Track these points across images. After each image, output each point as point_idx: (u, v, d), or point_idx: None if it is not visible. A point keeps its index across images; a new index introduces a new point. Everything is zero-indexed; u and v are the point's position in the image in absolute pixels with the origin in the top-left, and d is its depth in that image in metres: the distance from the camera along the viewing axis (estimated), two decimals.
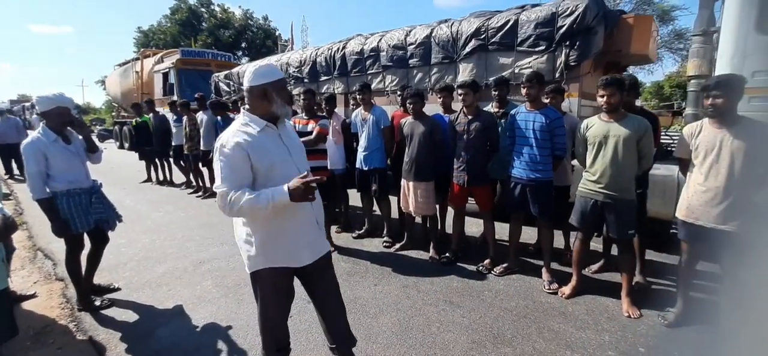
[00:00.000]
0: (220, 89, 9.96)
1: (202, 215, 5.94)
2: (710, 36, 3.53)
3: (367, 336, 2.65)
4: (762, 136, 2.37)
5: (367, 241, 4.57)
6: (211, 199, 6.95)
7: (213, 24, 33.53)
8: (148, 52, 16.46)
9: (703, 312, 2.78)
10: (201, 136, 6.86)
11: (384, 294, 3.27)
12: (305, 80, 7.34)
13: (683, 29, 18.67)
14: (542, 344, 2.57)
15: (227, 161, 1.70)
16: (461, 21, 5.30)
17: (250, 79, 1.76)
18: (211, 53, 15.04)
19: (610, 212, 2.87)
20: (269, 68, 1.81)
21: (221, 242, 4.60)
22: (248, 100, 1.81)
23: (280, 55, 8.99)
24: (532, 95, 3.29)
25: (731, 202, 2.42)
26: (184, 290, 3.45)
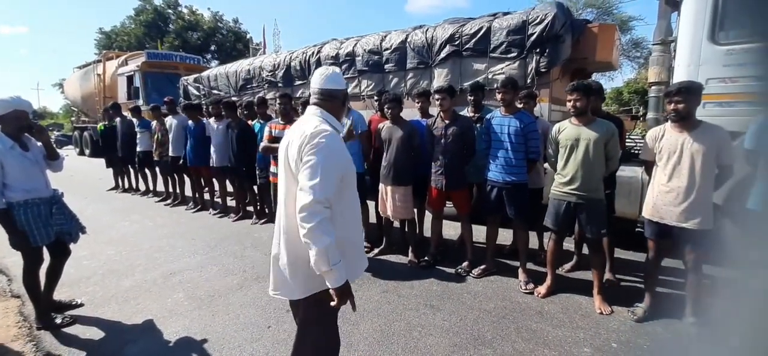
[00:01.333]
0: (190, 93, 9.65)
1: (172, 224, 5.70)
2: (668, 45, 3.75)
3: (348, 345, 2.62)
4: (718, 138, 2.54)
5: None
6: (181, 207, 6.69)
7: (180, 26, 32.45)
8: (110, 54, 15.74)
9: (669, 306, 2.93)
10: (170, 141, 6.59)
11: (364, 300, 3.24)
12: (280, 85, 7.22)
13: (640, 38, 19.90)
14: (521, 344, 2.63)
15: (331, 164, 1.48)
16: (436, 27, 5.38)
17: (335, 82, 1.70)
18: (180, 56, 14.54)
19: (582, 212, 2.98)
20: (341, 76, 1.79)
21: (193, 253, 4.43)
22: (329, 102, 1.68)
23: (252, 59, 8.81)
24: (507, 99, 3.38)
25: (692, 201, 2.57)
26: (153, 304, 3.29)
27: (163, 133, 6.75)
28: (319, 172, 1.45)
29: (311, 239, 1.42)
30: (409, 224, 4.08)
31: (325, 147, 1.49)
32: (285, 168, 1.62)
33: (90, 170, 11.93)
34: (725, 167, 2.59)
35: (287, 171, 1.60)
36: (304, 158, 1.48)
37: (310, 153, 1.47)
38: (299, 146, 1.52)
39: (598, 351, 2.53)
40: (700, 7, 3.38)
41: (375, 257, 4.18)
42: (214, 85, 8.90)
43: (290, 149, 1.57)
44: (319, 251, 1.42)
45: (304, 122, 1.62)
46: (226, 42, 34.41)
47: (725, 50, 3.29)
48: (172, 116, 6.65)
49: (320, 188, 1.44)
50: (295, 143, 1.54)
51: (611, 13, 19.10)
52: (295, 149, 1.53)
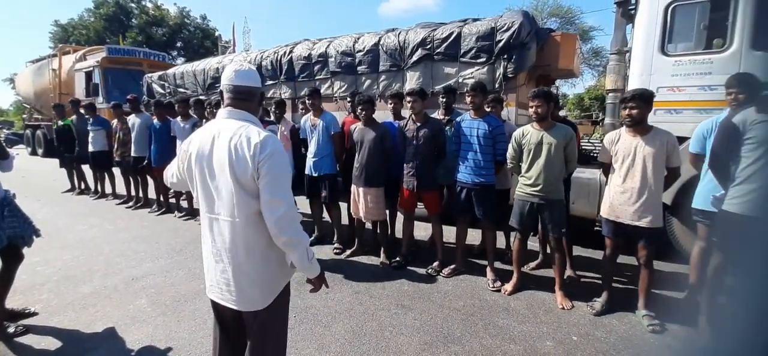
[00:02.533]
0: (154, 91, 9.27)
1: (133, 228, 5.46)
2: (624, 55, 4.00)
3: (319, 347, 2.62)
4: (667, 142, 2.73)
5: (316, 248, 4.50)
6: (144, 209, 6.42)
7: (144, 21, 31.07)
8: (67, 48, 14.88)
9: (624, 300, 3.11)
10: (133, 141, 6.32)
11: (336, 301, 3.24)
12: None
13: (600, 48, 21.03)
14: (488, 340, 2.71)
15: (288, 171, 1.56)
16: (408, 31, 5.46)
17: (253, 79, 1.62)
18: (143, 52, 13.92)
19: (545, 212, 3.13)
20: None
21: (156, 257, 4.27)
22: (247, 102, 1.60)
23: (221, 57, 8.60)
24: (477, 103, 3.48)
25: (645, 200, 2.75)
26: (114, 310, 3.15)
27: (124, 132, 6.46)
28: (282, 181, 1.50)
29: (293, 244, 1.52)
30: (381, 225, 4.11)
31: (281, 154, 1.51)
32: (220, 177, 1.50)
33: (43, 170, 11.21)
34: (673, 170, 2.79)
35: (229, 184, 1.48)
36: (263, 170, 1.45)
37: (269, 163, 1.45)
38: (250, 157, 1.45)
39: (560, 345, 2.66)
40: (652, 21, 3.63)
41: (347, 258, 4.19)
42: (180, 83, 8.60)
43: (232, 162, 1.47)
44: (301, 252, 1.55)
45: (236, 130, 1.50)
46: (193, 39, 33.27)
47: (673, 61, 3.55)
48: (135, 115, 6.37)
49: (289, 195, 1.51)
50: (240, 156, 1.46)
51: (573, 22, 20.05)
52: (242, 161, 1.46)
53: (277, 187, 1.47)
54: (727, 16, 3.37)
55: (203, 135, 1.57)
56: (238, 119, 1.55)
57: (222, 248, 1.55)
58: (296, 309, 3.09)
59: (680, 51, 3.60)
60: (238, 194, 1.48)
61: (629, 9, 3.92)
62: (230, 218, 1.51)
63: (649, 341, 2.68)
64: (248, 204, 1.49)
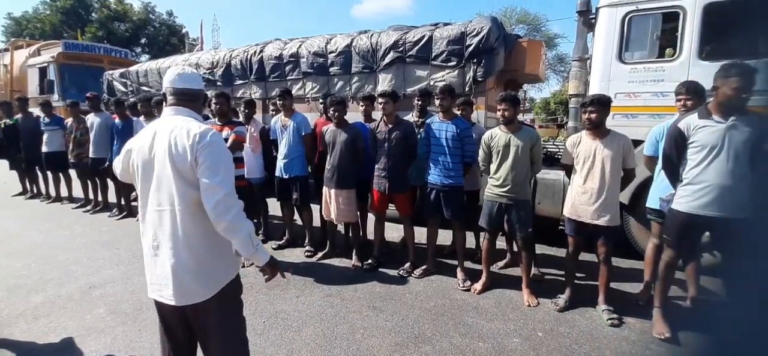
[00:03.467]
0: (115, 89, 8.86)
1: (91, 233, 5.18)
2: (585, 62, 4.20)
3: (290, 352, 2.58)
4: (623, 145, 2.89)
5: (288, 251, 4.44)
6: (102, 214, 6.11)
7: (105, 15, 29.53)
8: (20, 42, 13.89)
9: (585, 295, 3.26)
10: (91, 142, 6.00)
11: (307, 305, 3.21)
12: (218, 83, 6.88)
13: (564, 54, 22.01)
14: (458, 338, 2.77)
15: (228, 160, 1.57)
16: (380, 33, 5.48)
17: (195, 82, 1.69)
18: (103, 48, 13.22)
19: (512, 212, 3.22)
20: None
21: (116, 263, 4.07)
22: (191, 103, 1.67)
23: (188, 55, 8.32)
24: (445, 106, 3.55)
25: (603, 200, 2.89)
26: (70, 321, 2.97)
27: (82, 132, 6.12)
28: (221, 168, 1.51)
29: (233, 229, 1.51)
30: (352, 227, 4.11)
31: (219, 144, 1.55)
32: (160, 168, 1.52)
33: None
34: (629, 171, 2.95)
35: (169, 173, 1.50)
36: (201, 158, 1.48)
37: (207, 150, 1.49)
38: (189, 147, 1.48)
39: (526, 341, 2.75)
40: (610, 30, 3.83)
41: (319, 261, 4.15)
42: (143, 81, 8.25)
43: (172, 152, 1.49)
44: (243, 237, 1.53)
45: (177, 123, 1.54)
46: (158, 36, 31.93)
47: (630, 68, 3.76)
48: (94, 114, 6.05)
49: (227, 182, 1.52)
50: (179, 145, 1.49)
51: (540, 29, 20.85)
52: (181, 150, 1.49)
53: (214, 173, 1.48)
54: (677, 28, 3.61)
55: (146, 131, 1.62)
56: (182, 115, 1.60)
57: (161, 240, 1.55)
58: (265, 315, 3.04)
59: (636, 59, 3.82)
60: (177, 183, 1.50)
61: (590, 18, 4.11)
62: (170, 209, 1.52)
63: (608, 334, 2.82)
64: (187, 193, 1.51)
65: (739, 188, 2.39)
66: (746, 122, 2.37)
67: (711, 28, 3.57)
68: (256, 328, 2.83)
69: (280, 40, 6.57)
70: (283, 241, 4.57)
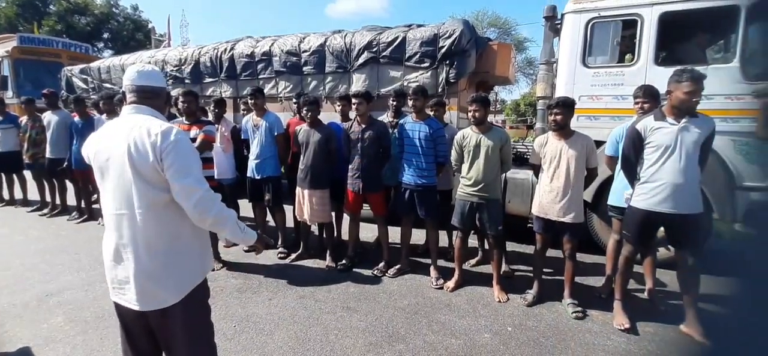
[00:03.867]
0: (74, 85, 8.41)
1: (48, 238, 4.90)
2: (551, 65, 4.35)
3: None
4: (586, 145, 3.02)
5: (261, 254, 4.35)
6: (61, 217, 5.78)
7: (64, 8, 27.91)
8: None
9: (552, 290, 3.38)
10: (48, 141, 5.66)
11: (280, 307, 3.16)
12: (186, 81, 6.66)
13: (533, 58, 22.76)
14: (431, 336, 2.81)
15: (196, 157, 1.54)
16: (354, 33, 5.48)
17: (156, 79, 1.63)
18: (62, 42, 12.52)
19: (483, 211, 3.30)
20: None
21: (76, 270, 3.87)
22: (152, 101, 1.61)
23: (154, 52, 8.01)
24: (418, 106, 3.59)
25: (569, 198, 3.01)
26: (25, 330, 2.80)
27: (38, 131, 5.78)
28: (193, 167, 1.49)
29: (220, 221, 1.55)
30: (326, 227, 4.08)
31: (185, 142, 1.51)
32: (120, 171, 1.45)
33: None
34: (592, 170, 3.09)
35: (129, 176, 1.44)
36: (169, 160, 1.43)
37: (173, 151, 1.44)
38: (150, 146, 1.42)
39: (496, 335, 2.82)
40: (575, 35, 3.99)
41: (292, 262, 4.10)
42: (106, 77, 7.88)
43: (132, 153, 1.42)
44: (231, 226, 1.59)
45: (137, 122, 1.47)
46: (122, 31, 30.53)
47: (593, 72, 3.94)
48: (51, 112, 5.73)
49: (201, 179, 1.51)
50: (140, 146, 1.42)
51: (510, 33, 21.45)
52: (142, 151, 1.42)
53: (186, 173, 1.45)
54: (635, 35, 3.81)
55: (104, 132, 1.55)
56: (143, 113, 1.54)
57: (122, 244, 1.48)
58: (236, 319, 2.98)
59: (598, 64, 4.00)
60: (137, 185, 1.44)
61: (556, 24, 4.27)
62: (129, 212, 1.46)
63: (572, 327, 2.94)
64: (148, 195, 1.45)
65: (691, 185, 2.55)
66: (696, 123, 2.54)
67: (666, 36, 3.80)
68: (226, 333, 2.76)
69: (251, 38, 6.44)
70: None
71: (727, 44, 4.02)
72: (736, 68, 3.44)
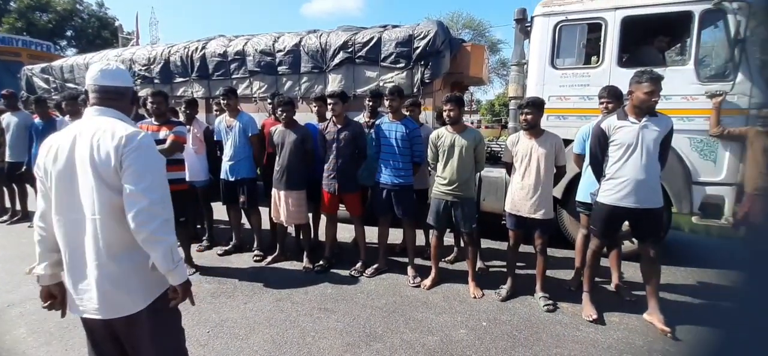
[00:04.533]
0: (35, 86, 8.00)
1: (9, 246, 4.65)
2: (522, 67, 4.48)
3: None
4: (555, 144, 3.13)
5: (235, 257, 4.28)
6: (22, 224, 5.49)
7: (25, 5, 26.38)
8: None
9: (526, 284, 3.48)
10: (7, 144, 5.36)
11: (255, 311, 3.12)
12: (156, 81, 6.46)
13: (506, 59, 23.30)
14: (409, 334, 2.84)
15: (158, 165, 1.48)
16: (330, 33, 5.46)
17: (122, 78, 1.55)
18: (22, 40, 11.92)
19: (458, 209, 3.37)
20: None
21: None
22: (118, 102, 1.54)
23: (121, 50, 7.71)
24: (394, 106, 3.62)
25: (539, 195, 3.12)
26: None
27: None
28: (147, 174, 1.42)
29: (154, 240, 1.40)
30: (303, 229, 4.06)
31: (150, 148, 1.46)
32: (81, 174, 1.40)
33: None
34: (560, 168, 3.21)
35: (91, 180, 1.39)
36: (127, 162, 1.38)
37: (133, 155, 1.39)
38: (113, 150, 1.38)
39: (472, 331, 2.88)
40: (544, 38, 4.12)
41: (268, 265, 4.05)
42: (69, 77, 7.54)
43: (94, 156, 1.38)
44: (164, 250, 1.42)
45: (101, 125, 1.42)
46: (87, 28, 29.15)
47: (561, 74, 4.08)
48: (10, 113, 5.43)
49: (153, 190, 1.42)
50: (103, 149, 1.38)
51: (484, 35, 21.89)
52: (104, 155, 1.38)
53: (140, 180, 1.39)
54: (600, 38, 3.97)
55: (64, 134, 1.46)
56: (106, 115, 1.47)
57: (82, 251, 1.42)
58: (210, 324, 2.92)
59: (566, 65, 4.15)
60: (99, 190, 1.38)
61: (526, 26, 4.40)
62: (91, 217, 1.39)
63: (544, 319, 3.04)
64: (111, 200, 1.40)
65: (652, 181, 2.69)
66: (655, 122, 2.68)
67: (628, 39, 3.98)
68: (199, 339, 2.71)
69: (224, 37, 6.32)
70: (229, 246, 4.40)
71: (683, 48, 4.26)
72: (690, 70, 3.65)
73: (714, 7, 3.49)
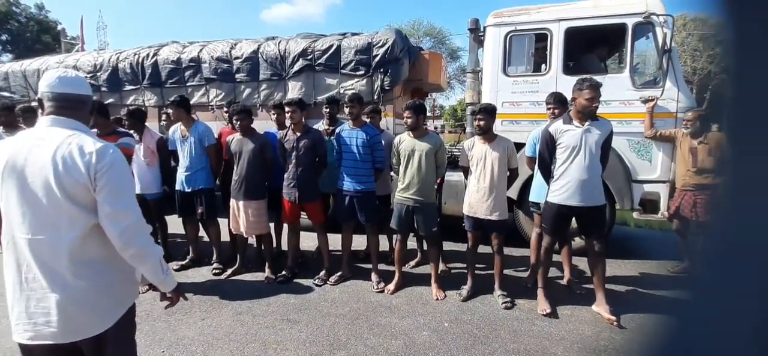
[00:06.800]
0: None
1: None
2: (477, 74, 4.67)
3: None
4: (507, 148, 3.28)
5: (192, 271, 4.11)
6: None
7: None
8: None
9: (485, 283, 3.60)
10: None
11: (213, 327, 3.01)
12: (103, 89, 6.11)
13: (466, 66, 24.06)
14: (372, 339, 2.85)
15: (131, 182, 1.51)
16: (288, 40, 5.41)
17: (81, 86, 1.46)
18: None
19: (419, 214, 3.43)
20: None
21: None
22: (78, 111, 1.44)
23: (64, 56, 7.22)
24: (354, 113, 3.65)
25: (494, 197, 3.25)
26: None
27: None
28: (125, 192, 1.40)
29: (143, 255, 1.43)
30: (264, 239, 3.97)
31: (122, 164, 1.42)
32: (40, 191, 1.30)
33: None
34: (513, 170, 3.36)
35: (55, 196, 1.30)
36: (103, 181, 1.33)
37: (108, 174, 1.34)
38: (84, 166, 1.31)
39: (434, 332, 2.94)
40: (496, 47, 4.33)
41: (228, 278, 3.92)
42: (4, 85, 6.96)
43: (59, 171, 1.29)
44: (153, 263, 1.46)
45: (63, 138, 1.33)
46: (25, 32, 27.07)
47: (512, 81, 4.29)
48: None
49: (134, 206, 1.42)
50: (70, 165, 1.30)
51: (445, 42, 22.49)
52: (73, 171, 1.30)
53: (119, 197, 1.36)
54: (547, 47, 4.23)
55: (17, 145, 1.33)
56: (66, 127, 1.37)
57: (40, 272, 1.32)
58: (164, 343, 2.78)
59: (517, 73, 4.38)
60: (66, 207, 1.31)
61: (479, 36, 4.60)
62: (53, 236, 1.32)
63: (502, 316, 3.16)
64: (78, 218, 1.33)
65: (594, 180, 2.89)
66: (597, 126, 2.88)
67: (572, 48, 4.26)
68: None
69: (178, 43, 6.09)
70: (186, 260, 4.21)
71: (620, 56, 4.62)
72: (627, 77, 3.97)
73: (644, 20, 3.82)
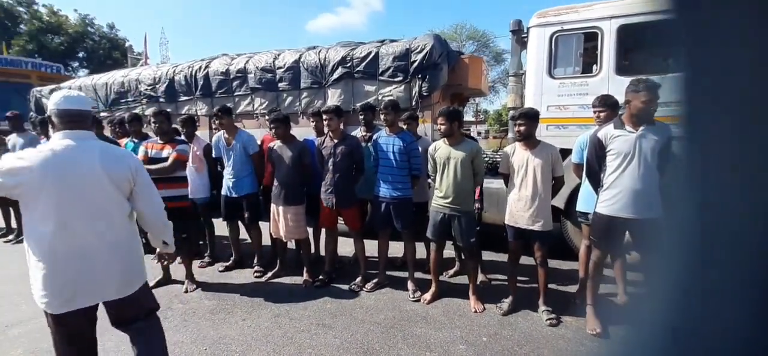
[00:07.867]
0: (44, 107, 8.16)
1: (10, 265, 4.70)
2: (520, 77, 4.47)
3: None
4: (551, 155, 3.10)
5: (236, 273, 4.27)
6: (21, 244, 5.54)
7: (36, 27, 27.25)
8: None
9: (528, 298, 3.41)
10: None
11: (253, 328, 3.10)
12: (161, 100, 6.58)
13: None
14: (406, 350, 2.79)
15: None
16: (328, 49, 5.53)
17: (83, 103, 1.85)
18: (32, 63, 12.21)
19: (456, 222, 3.33)
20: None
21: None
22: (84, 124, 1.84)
23: (128, 71, 7.87)
24: (390, 120, 3.63)
25: (537, 207, 3.07)
26: None
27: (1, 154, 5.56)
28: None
29: (166, 223, 2.04)
30: (303, 243, 4.04)
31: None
32: (98, 188, 1.75)
33: None
34: (558, 178, 3.16)
35: (106, 187, 1.77)
36: (139, 179, 1.87)
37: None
38: (126, 165, 1.83)
39: (471, 346, 2.82)
40: (540, 48, 4.12)
41: (268, 281, 4.04)
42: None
43: (110, 169, 1.76)
44: (170, 230, 2.07)
45: (92, 145, 1.78)
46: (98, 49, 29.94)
47: (559, 83, 4.06)
48: (16, 134, 5.55)
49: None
50: (118, 164, 1.81)
51: (488, 45, 21.92)
52: (122, 169, 1.80)
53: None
54: (597, 47, 3.96)
55: (51, 154, 1.67)
56: (83, 139, 1.75)
57: (100, 248, 1.75)
58: (207, 342, 2.90)
59: (563, 75, 4.14)
60: (115, 198, 1.79)
61: (522, 37, 4.41)
62: (107, 221, 1.77)
63: (547, 334, 2.97)
64: (124, 205, 1.84)
65: (650, 191, 2.64)
66: (654, 131, 2.63)
67: (626, 47, 3.96)
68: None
69: (227, 56, 6.44)
70: (230, 262, 4.40)
71: None
72: None
73: None
